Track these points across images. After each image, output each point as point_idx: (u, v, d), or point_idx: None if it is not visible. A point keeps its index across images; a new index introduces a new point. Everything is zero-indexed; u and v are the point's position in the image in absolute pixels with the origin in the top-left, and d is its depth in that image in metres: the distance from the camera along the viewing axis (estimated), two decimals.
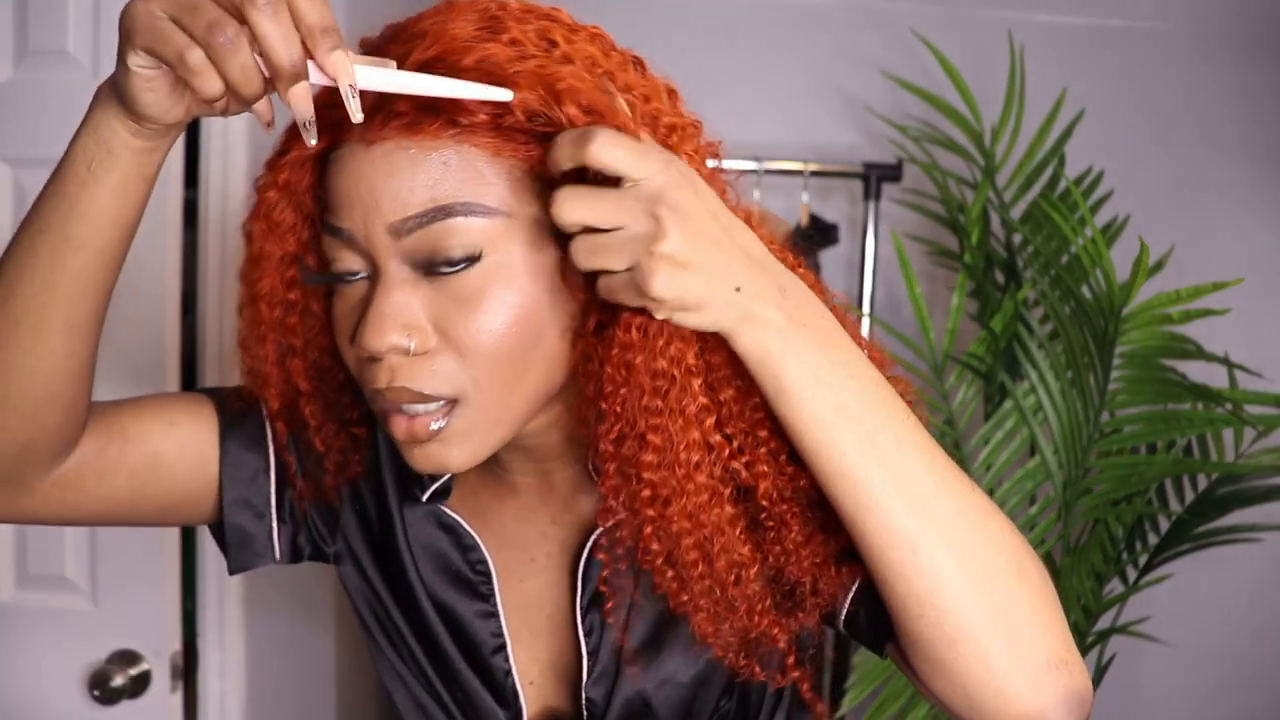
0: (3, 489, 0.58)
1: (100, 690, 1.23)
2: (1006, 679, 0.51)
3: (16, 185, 1.27)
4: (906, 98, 1.87)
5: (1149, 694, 2.09)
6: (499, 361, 0.54)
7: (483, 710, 0.68)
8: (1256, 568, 1.98)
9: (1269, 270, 1.96)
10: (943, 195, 1.70)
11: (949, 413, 1.61)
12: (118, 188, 0.52)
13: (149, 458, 0.64)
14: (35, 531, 1.29)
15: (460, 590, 0.68)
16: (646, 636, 0.66)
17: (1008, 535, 0.53)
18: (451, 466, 0.57)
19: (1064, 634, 0.53)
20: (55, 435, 0.58)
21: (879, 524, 0.51)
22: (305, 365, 0.63)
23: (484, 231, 0.53)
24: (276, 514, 0.69)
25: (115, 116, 0.50)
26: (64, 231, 0.52)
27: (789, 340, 0.51)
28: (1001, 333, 1.59)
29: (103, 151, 0.51)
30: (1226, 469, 1.61)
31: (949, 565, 0.51)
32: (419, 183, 0.52)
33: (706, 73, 2.02)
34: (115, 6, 1.22)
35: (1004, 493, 1.59)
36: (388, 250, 0.54)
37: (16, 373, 0.55)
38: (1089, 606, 1.65)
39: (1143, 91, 2.04)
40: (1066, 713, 0.52)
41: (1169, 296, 1.44)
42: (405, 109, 0.52)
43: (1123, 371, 1.51)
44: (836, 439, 0.51)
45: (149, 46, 0.46)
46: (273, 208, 0.58)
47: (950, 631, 0.51)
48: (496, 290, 0.54)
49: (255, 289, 0.61)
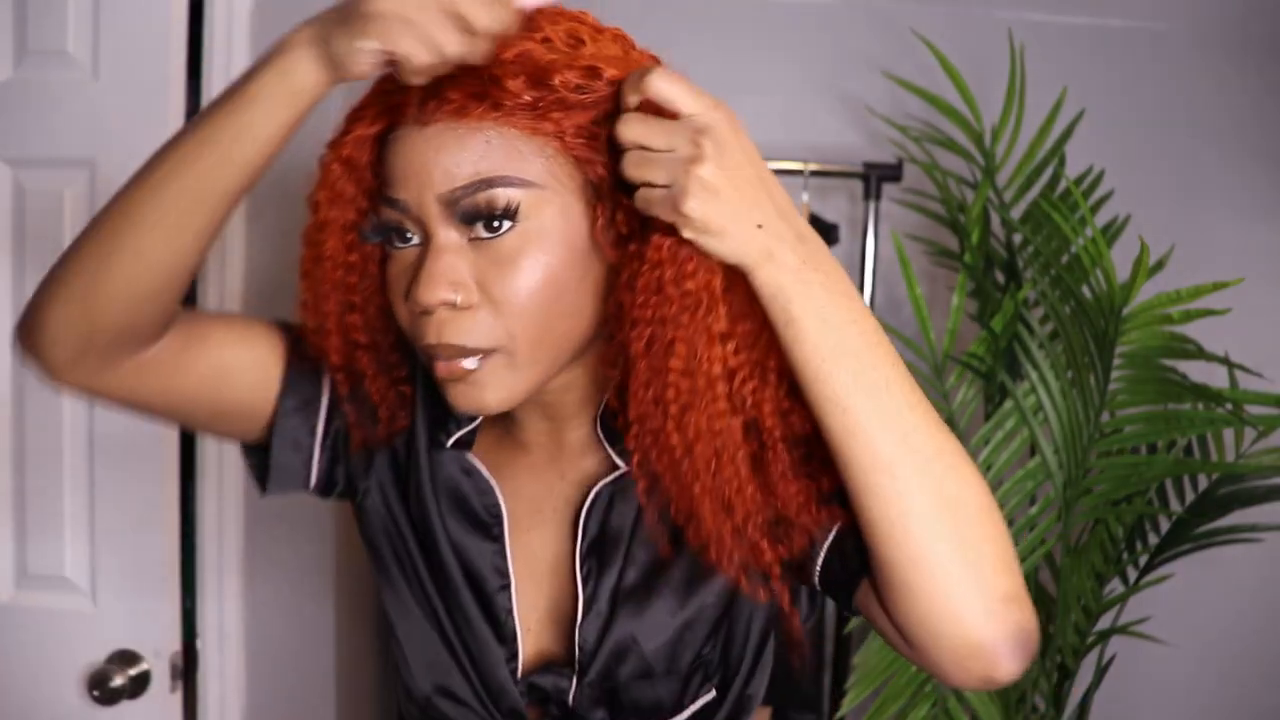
0: (93, 362, 0.65)
1: (100, 690, 1.23)
2: (963, 605, 0.56)
3: (15, 184, 1.27)
4: (907, 97, 1.86)
5: (1149, 694, 2.09)
6: (532, 315, 0.63)
7: (482, 644, 0.74)
8: (1257, 568, 1.97)
9: (1270, 270, 1.96)
10: (943, 195, 1.70)
11: (949, 413, 1.61)
12: (285, 121, 0.60)
13: (219, 367, 0.71)
14: (35, 532, 1.29)
15: (474, 530, 0.75)
16: (638, 581, 0.73)
17: (977, 480, 0.59)
18: (487, 406, 0.65)
19: (1018, 576, 0.59)
20: (153, 324, 0.66)
21: (863, 447, 0.58)
22: (363, 320, 0.71)
23: (521, 199, 0.61)
24: (320, 445, 0.76)
25: (313, 66, 0.59)
26: (228, 150, 0.60)
27: (802, 281, 0.58)
28: (1002, 333, 1.59)
29: (286, 92, 0.59)
30: (1227, 469, 1.61)
31: (921, 491, 0.57)
32: (465, 159, 0.61)
33: (706, 72, 2.01)
34: (114, 6, 1.22)
35: (1004, 493, 1.59)
36: (438, 218, 0.62)
37: (146, 263, 0.62)
38: (1089, 607, 1.65)
39: (1144, 91, 2.04)
40: (1014, 645, 0.57)
41: (1169, 296, 1.44)
42: (455, 97, 0.60)
43: (1123, 371, 1.51)
44: (834, 370, 0.58)
45: (381, 38, 0.56)
46: (336, 180, 0.65)
47: (914, 551, 0.57)
48: (531, 252, 0.62)
49: (320, 251, 0.68)
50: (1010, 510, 1.60)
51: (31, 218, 1.26)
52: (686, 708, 0.73)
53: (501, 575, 0.75)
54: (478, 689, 0.75)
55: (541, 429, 0.75)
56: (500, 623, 0.75)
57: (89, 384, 0.67)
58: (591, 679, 0.72)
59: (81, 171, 1.25)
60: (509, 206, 0.61)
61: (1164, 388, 1.49)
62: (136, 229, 0.62)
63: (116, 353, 0.66)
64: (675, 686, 0.73)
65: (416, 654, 0.77)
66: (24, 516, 1.29)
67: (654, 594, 0.72)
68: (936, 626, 0.57)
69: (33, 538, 1.29)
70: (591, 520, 0.73)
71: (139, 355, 0.67)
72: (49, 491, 1.28)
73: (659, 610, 0.72)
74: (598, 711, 0.73)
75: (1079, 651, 1.67)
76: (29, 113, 1.26)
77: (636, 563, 0.73)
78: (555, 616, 0.76)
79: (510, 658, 0.75)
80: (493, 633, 0.74)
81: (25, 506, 1.29)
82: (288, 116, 0.60)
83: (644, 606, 0.72)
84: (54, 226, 1.25)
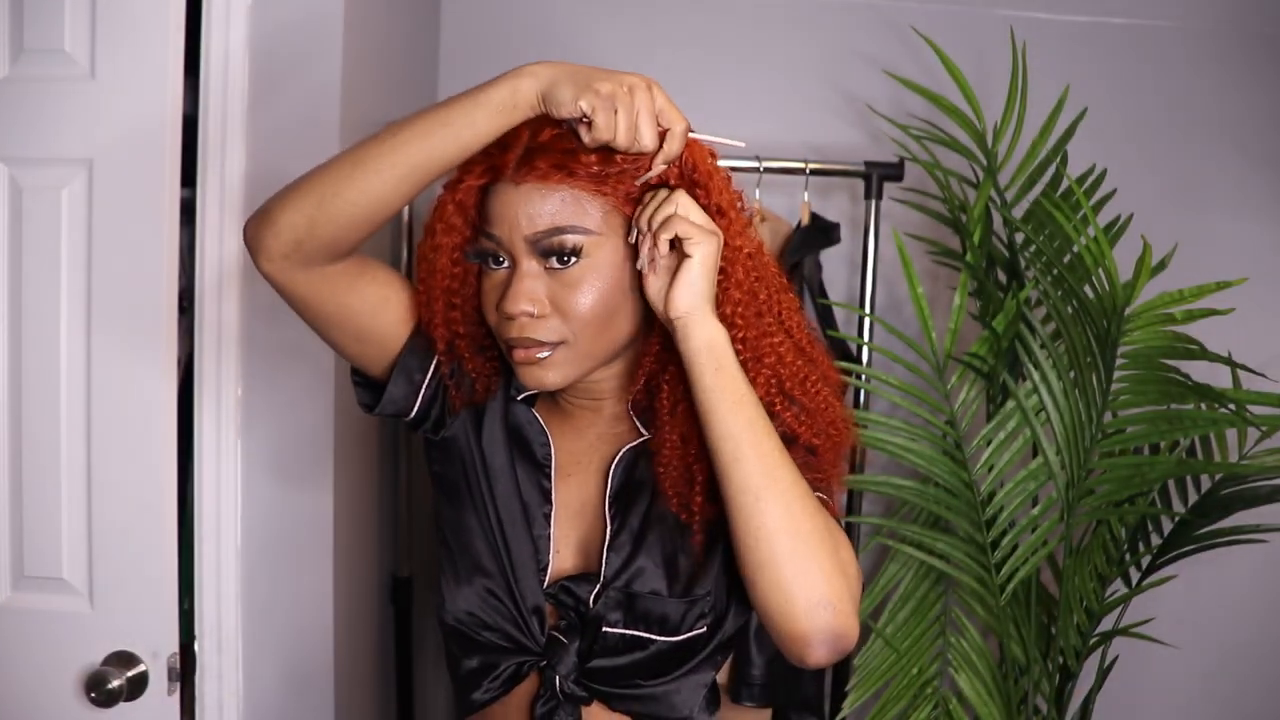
0: (295, 261, 0.85)
1: (97, 692, 1.22)
2: (791, 601, 0.78)
3: (13, 183, 1.26)
4: (908, 96, 1.86)
5: (1152, 696, 2.08)
6: (589, 323, 0.86)
7: (522, 555, 0.94)
8: (1260, 569, 1.97)
9: (1273, 269, 1.96)
10: (944, 194, 1.70)
11: (951, 413, 1.60)
12: (500, 124, 0.81)
13: (379, 297, 0.92)
14: (32, 532, 1.29)
15: (530, 464, 0.97)
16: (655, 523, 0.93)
17: (823, 516, 0.82)
18: (549, 384, 0.88)
19: (842, 591, 0.78)
20: (349, 245, 0.85)
21: (742, 476, 0.80)
22: (462, 316, 0.93)
23: (584, 243, 0.84)
24: (427, 385, 0.96)
25: (533, 95, 0.80)
26: (457, 131, 0.80)
27: (715, 362, 0.83)
28: (1004, 332, 1.58)
29: (509, 104, 0.80)
30: (1230, 469, 1.60)
31: (775, 512, 0.79)
32: (545, 210, 0.83)
33: (708, 71, 2.01)
34: (112, 5, 1.22)
35: (1006, 494, 1.59)
36: (523, 252, 0.85)
37: (367, 199, 0.82)
38: (1091, 608, 1.64)
39: (1146, 90, 2.03)
40: (824, 640, 0.77)
41: (1172, 296, 1.43)
42: (542, 165, 0.82)
43: (1125, 371, 1.50)
44: (732, 419, 0.82)
45: (593, 108, 0.78)
46: (450, 214, 0.87)
47: (764, 557, 0.79)
48: (590, 279, 0.85)
49: (433, 265, 0.90)
50: (1012, 511, 1.59)
51: (29, 216, 1.25)
52: (684, 632, 0.91)
53: (546, 501, 0.96)
54: (513, 587, 0.94)
55: (585, 403, 0.97)
56: (537, 538, 0.95)
57: (284, 276, 0.86)
58: (613, 590, 0.91)
59: (79, 170, 1.24)
60: (575, 247, 0.84)
61: (1166, 388, 1.49)
62: (367, 173, 0.81)
63: (314, 258, 0.85)
64: (681, 609, 0.91)
65: (466, 560, 0.96)
66: (21, 517, 1.29)
67: (666, 533, 0.92)
68: (770, 614, 0.79)
69: (30, 539, 1.29)
70: (618, 473, 0.95)
71: (327, 267, 0.86)
72: (46, 492, 1.28)
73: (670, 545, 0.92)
74: (614, 614, 0.91)
75: (1081, 653, 1.67)
76: (26, 111, 1.25)
77: (650, 508, 0.93)
78: (583, 548, 0.95)
79: (541, 570, 0.94)
80: (531, 546, 0.94)
81: (22, 507, 1.29)
82: (503, 121, 0.81)
83: (657, 542, 0.92)
84: (51, 225, 1.24)
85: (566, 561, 0.96)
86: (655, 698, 0.93)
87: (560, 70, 0.80)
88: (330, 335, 0.93)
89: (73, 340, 1.26)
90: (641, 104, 0.79)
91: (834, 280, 1.96)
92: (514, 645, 0.95)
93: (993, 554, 1.60)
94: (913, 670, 1.68)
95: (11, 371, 1.28)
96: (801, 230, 1.73)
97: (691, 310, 0.82)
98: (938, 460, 1.59)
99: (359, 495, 1.65)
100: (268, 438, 1.43)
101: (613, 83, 0.78)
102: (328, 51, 1.40)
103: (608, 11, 2.01)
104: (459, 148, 0.81)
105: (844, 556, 0.81)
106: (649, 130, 0.80)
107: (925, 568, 1.66)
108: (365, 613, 1.74)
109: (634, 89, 0.79)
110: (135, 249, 1.26)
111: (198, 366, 1.39)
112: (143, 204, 1.25)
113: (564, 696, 0.93)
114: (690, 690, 0.94)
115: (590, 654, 0.92)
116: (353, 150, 0.83)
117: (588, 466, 0.97)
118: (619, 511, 0.94)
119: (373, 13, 1.58)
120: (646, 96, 0.79)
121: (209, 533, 1.41)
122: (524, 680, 0.95)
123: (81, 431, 1.27)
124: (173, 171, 1.26)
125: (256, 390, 1.42)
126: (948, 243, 1.79)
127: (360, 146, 0.83)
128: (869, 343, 1.71)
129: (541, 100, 0.80)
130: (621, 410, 0.97)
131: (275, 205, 0.84)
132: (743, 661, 1.65)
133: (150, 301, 1.26)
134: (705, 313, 0.83)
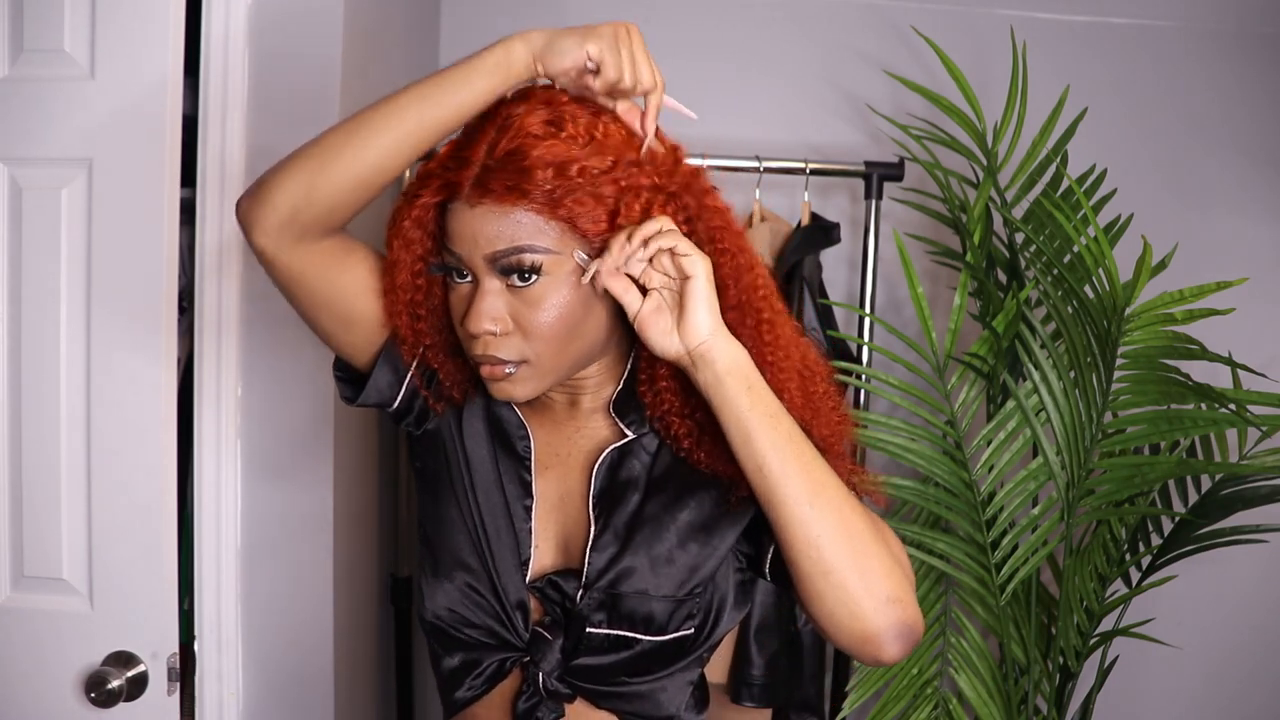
0: (289, 234, 0.85)
1: (97, 693, 1.22)
2: (858, 603, 0.78)
3: (12, 183, 1.26)
4: (908, 96, 1.86)
5: (1152, 696, 2.08)
6: (549, 340, 0.86)
7: (504, 549, 0.94)
8: (1260, 569, 1.97)
9: (1273, 269, 1.96)
10: (945, 194, 1.70)
11: (951, 413, 1.60)
12: (495, 86, 0.83)
13: (365, 281, 0.91)
14: (32, 533, 1.29)
15: (511, 457, 0.97)
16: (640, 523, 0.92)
17: (868, 512, 0.82)
18: (517, 398, 0.88)
19: (903, 584, 0.80)
20: (345, 214, 0.86)
21: (794, 489, 0.80)
22: (428, 327, 0.93)
23: (544, 261, 0.83)
24: (412, 376, 0.96)
25: (527, 57, 0.82)
26: (454, 95, 0.82)
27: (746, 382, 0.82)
28: (1004, 332, 1.58)
29: (504, 68, 0.82)
30: (1230, 470, 1.60)
31: (830, 519, 0.79)
32: (503, 230, 0.82)
33: (708, 71, 2.01)
34: (111, 5, 1.22)
35: (1006, 494, 1.59)
36: (484, 270, 0.85)
37: (364, 162, 0.83)
38: (1092, 608, 1.64)
39: (1146, 90, 2.03)
40: (897, 635, 0.78)
41: (1172, 296, 1.43)
42: (496, 188, 0.81)
43: (1126, 371, 1.50)
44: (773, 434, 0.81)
45: (600, 51, 0.81)
46: (408, 230, 0.87)
47: (827, 564, 0.79)
48: (551, 297, 0.84)
49: (394, 280, 0.90)
50: (1012, 512, 1.59)
51: (29, 216, 1.25)
52: (670, 632, 0.91)
53: (527, 494, 0.96)
54: (495, 582, 0.94)
55: (562, 399, 0.97)
56: (519, 530, 0.95)
57: (278, 250, 0.86)
58: (596, 590, 0.91)
59: (79, 170, 1.24)
60: (534, 265, 0.83)
61: (1167, 388, 1.49)
62: (365, 137, 0.82)
63: (309, 230, 0.85)
64: (669, 609, 0.91)
65: (447, 555, 0.96)
66: (21, 517, 1.29)
67: (656, 533, 0.92)
68: (839, 619, 0.79)
69: (30, 539, 1.29)
70: (602, 472, 0.94)
71: (317, 242, 0.87)
72: (46, 492, 1.28)
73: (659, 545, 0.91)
74: (598, 615, 0.91)
75: (1081, 653, 1.67)
76: (26, 111, 1.25)
77: (639, 509, 0.93)
78: (563, 544, 0.95)
79: (522, 564, 0.94)
80: (513, 539, 0.94)
81: (22, 507, 1.29)
82: (498, 82, 0.82)
83: (646, 542, 0.91)
84: (51, 225, 1.24)
85: (547, 556, 0.96)
86: (641, 695, 0.93)
87: (548, 31, 0.84)
88: (319, 320, 0.93)
89: (72, 340, 1.26)
90: (637, 46, 0.84)
91: (834, 280, 1.96)
92: (497, 641, 0.94)
93: (993, 554, 1.60)
94: (913, 670, 1.68)
95: (11, 371, 1.28)
96: (801, 230, 1.73)
97: (713, 332, 0.81)
98: (938, 460, 1.59)
99: (358, 495, 1.65)
100: (267, 437, 1.43)
101: (609, 28, 0.83)
102: (328, 52, 1.40)
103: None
104: (457, 109, 0.82)
105: (895, 549, 0.82)
106: (648, 70, 0.84)
107: (925, 568, 1.66)
108: (365, 612, 1.74)
109: (630, 31, 0.84)
110: (135, 249, 1.26)
111: (197, 366, 1.39)
112: (143, 204, 1.24)
113: (547, 693, 0.93)
114: (677, 688, 0.94)
115: (575, 652, 0.92)
116: (350, 119, 0.84)
117: (566, 460, 0.96)
118: (603, 511, 0.93)
119: (373, 13, 1.58)
120: (640, 39, 0.84)
121: (209, 532, 1.41)
122: (506, 677, 0.95)
123: (81, 431, 1.27)
124: (173, 171, 1.25)
125: (256, 390, 1.42)
126: (948, 243, 1.79)
127: (358, 115, 0.84)
128: (869, 343, 1.71)
129: (537, 60, 0.82)
130: (599, 406, 0.96)
131: (271, 176, 0.84)
132: (743, 662, 1.65)
133: (150, 301, 1.26)
134: (724, 332, 0.82)
